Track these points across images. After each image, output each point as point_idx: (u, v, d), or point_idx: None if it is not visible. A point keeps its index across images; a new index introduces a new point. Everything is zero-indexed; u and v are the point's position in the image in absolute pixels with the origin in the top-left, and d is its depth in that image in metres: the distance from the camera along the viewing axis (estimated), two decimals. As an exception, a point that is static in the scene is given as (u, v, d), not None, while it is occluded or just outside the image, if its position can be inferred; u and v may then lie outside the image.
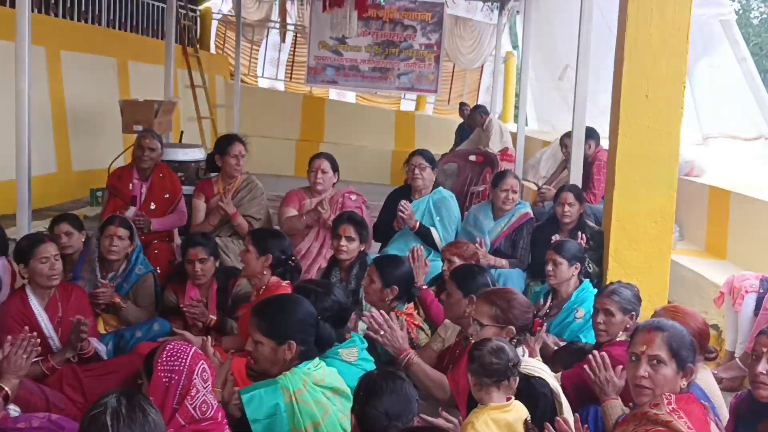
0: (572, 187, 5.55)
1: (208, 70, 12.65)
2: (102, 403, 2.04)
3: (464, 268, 4.07)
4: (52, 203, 8.44)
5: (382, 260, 4.20)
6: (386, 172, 13.39)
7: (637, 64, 4.93)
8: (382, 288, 4.03)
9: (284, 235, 4.41)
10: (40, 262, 3.90)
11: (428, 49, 13.00)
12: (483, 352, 2.81)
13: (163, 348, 2.63)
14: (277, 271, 4.12)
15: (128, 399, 2.07)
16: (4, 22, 7.79)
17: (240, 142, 5.80)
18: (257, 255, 4.10)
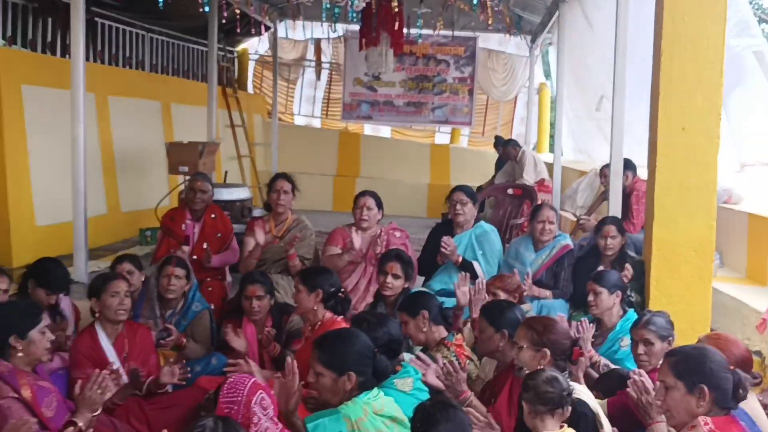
0: (614, 219, 5.65)
1: (246, 110, 12.99)
2: (201, 425, 2.29)
3: (494, 304, 4.16)
4: (103, 243, 8.73)
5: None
6: (422, 205, 13.56)
7: (673, 97, 5.05)
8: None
9: (331, 270, 4.56)
10: (111, 296, 4.13)
11: (462, 83, 13.25)
12: (538, 381, 2.95)
13: (225, 380, 2.85)
14: (329, 304, 4.28)
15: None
16: (59, 71, 8.17)
17: (284, 178, 5.97)
18: (308, 292, 4.26)
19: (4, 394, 3.05)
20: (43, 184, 8.01)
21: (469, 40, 13.17)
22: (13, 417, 3.03)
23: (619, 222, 5.61)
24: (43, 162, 8.01)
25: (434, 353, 4.10)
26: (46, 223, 7.97)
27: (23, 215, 7.74)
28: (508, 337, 3.72)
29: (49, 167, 8.05)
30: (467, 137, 16.37)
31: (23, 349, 3.26)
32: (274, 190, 5.87)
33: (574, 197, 9.67)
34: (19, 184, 7.70)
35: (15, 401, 3.08)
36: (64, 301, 4.82)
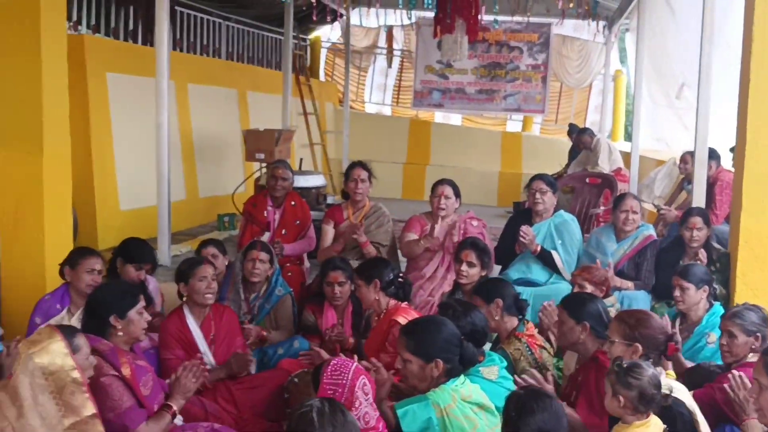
0: (700, 211, 5.52)
1: (318, 98, 13.13)
2: (308, 404, 2.40)
3: (575, 296, 4.13)
4: (183, 228, 8.97)
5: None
6: (493, 193, 13.48)
7: (764, 84, 4.89)
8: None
9: (385, 259, 4.63)
10: (198, 281, 4.25)
11: (535, 70, 13.10)
12: (644, 382, 2.91)
13: (328, 363, 2.90)
14: (389, 292, 4.34)
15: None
16: (141, 58, 8.41)
17: (361, 167, 6.02)
18: (366, 285, 4.36)
19: (106, 372, 3.18)
20: (127, 169, 8.27)
21: (543, 27, 13.00)
22: (114, 394, 3.16)
23: (704, 213, 5.48)
24: (126, 148, 8.27)
25: (505, 346, 4.09)
26: (129, 207, 8.24)
27: (108, 200, 8.01)
28: (590, 330, 3.69)
29: (132, 153, 8.31)
30: (539, 125, 16.18)
31: (122, 328, 3.39)
32: (352, 179, 5.92)
33: (651, 187, 9.48)
34: (104, 169, 7.96)
35: (115, 379, 3.20)
36: (152, 283, 4.99)
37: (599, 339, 3.66)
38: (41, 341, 2.89)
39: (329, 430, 2.32)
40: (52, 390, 2.84)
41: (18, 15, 4.81)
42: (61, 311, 4.34)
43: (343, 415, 2.37)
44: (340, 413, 2.37)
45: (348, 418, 2.38)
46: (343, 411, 2.38)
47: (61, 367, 2.86)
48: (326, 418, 2.33)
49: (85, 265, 4.36)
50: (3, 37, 4.76)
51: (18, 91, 4.95)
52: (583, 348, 3.77)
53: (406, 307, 4.33)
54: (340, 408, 2.39)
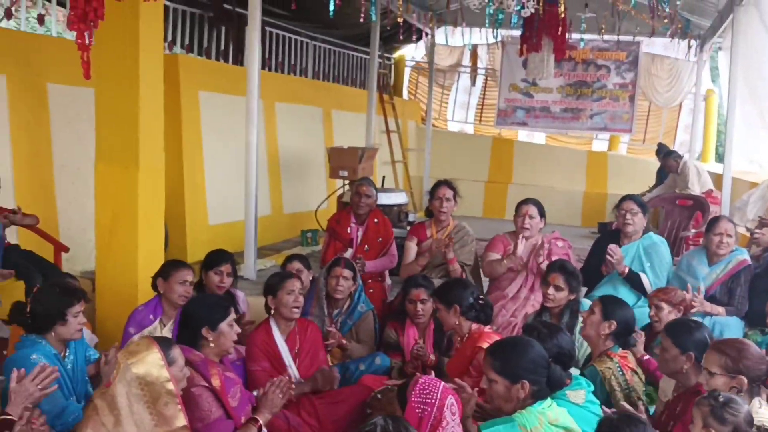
0: None
1: (401, 116, 13.22)
2: (372, 423, 2.43)
3: (680, 322, 3.99)
4: (267, 243, 9.14)
5: (607, 297, 4.25)
6: (577, 213, 13.25)
7: None
8: (601, 321, 4.06)
9: (464, 282, 4.56)
10: (286, 294, 4.34)
11: (623, 89, 12.86)
12: (739, 419, 2.85)
13: (416, 381, 2.91)
14: (470, 315, 4.28)
15: (394, 420, 2.44)
16: (232, 78, 8.67)
17: (446, 185, 6.02)
18: (446, 310, 4.32)
19: (197, 383, 3.27)
20: (216, 185, 8.50)
21: (631, 45, 12.76)
22: (203, 405, 3.26)
23: (808, 237, 5.27)
24: (215, 164, 8.50)
25: (597, 364, 4.03)
26: (217, 222, 8.45)
27: (198, 215, 8.25)
28: (695, 360, 3.58)
29: (221, 169, 8.54)
30: (626, 144, 15.85)
31: (214, 340, 3.50)
32: (437, 197, 5.93)
33: (744, 209, 9.13)
34: (194, 184, 8.21)
35: (205, 389, 3.30)
36: (240, 295, 5.11)
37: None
38: (139, 352, 2.99)
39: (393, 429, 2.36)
40: (147, 400, 2.93)
41: (119, 37, 5.01)
42: (153, 322, 4.49)
43: (407, 431, 2.40)
44: (403, 429, 2.40)
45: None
46: (407, 428, 2.39)
47: (157, 378, 2.95)
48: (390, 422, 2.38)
49: (177, 277, 4.50)
50: (104, 58, 4.97)
51: (117, 108, 5.16)
52: (685, 378, 3.66)
53: (489, 331, 4.28)
54: (404, 425, 2.41)
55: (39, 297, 3.64)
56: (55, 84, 6.88)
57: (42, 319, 3.58)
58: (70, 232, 6.89)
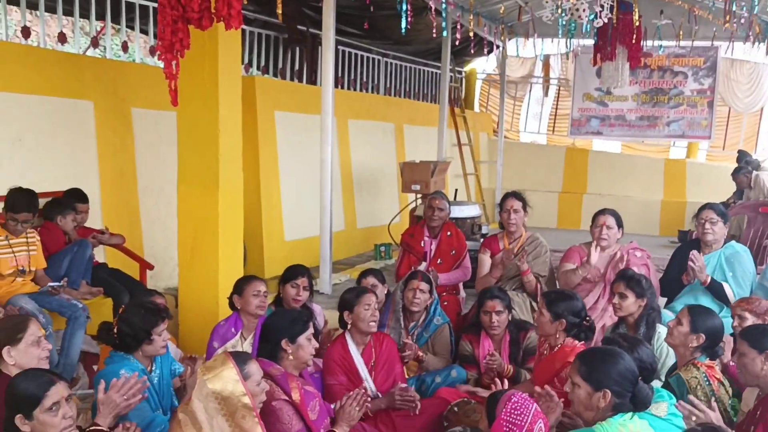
0: None
1: (473, 128, 13.22)
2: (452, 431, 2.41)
3: (756, 326, 3.91)
4: (342, 257, 9.29)
5: (696, 307, 4.15)
6: (655, 222, 12.96)
7: None
8: (689, 332, 3.98)
9: (578, 297, 4.46)
10: (364, 309, 4.41)
11: (700, 95, 12.56)
12: None
13: (509, 398, 2.90)
14: (572, 332, 4.25)
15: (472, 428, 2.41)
16: (306, 97, 8.86)
17: (514, 197, 5.97)
18: (551, 320, 4.24)
19: (277, 396, 3.36)
20: (291, 201, 8.69)
21: (709, 50, 12.45)
22: (284, 418, 3.34)
23: None
24: (291, 182, 8.70)
25: (683, 372, 3.96)
26: (293, 238, 8.63)
27: (274, 231, 8.44)
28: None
29: (297, 187, 8.73)
30: (705, 152, 15.44)
31: (293, 352, 3.59)
32: (504, 210, 5.92)
33: (831, 217, 8.79)
34: (271, 202, 8.41)
35: (286, 403, 3.38)
36: (317, 309, 5.22)
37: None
38: (215, 368, 3.08)
39: None
40: (224, 413, 3.01)
41: (199, 62, 5.19)
42: (236, 335, 4.64)
43: None
44: None
45: None
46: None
47: (232, 393, 3.02)
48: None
49: (250, 290, 4.65)
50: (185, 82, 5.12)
51: (198, 130, 5.36)
52: (765, 382, 3.58)
53: (581, 346, 4.24)
54: None
55: (125, 318, 3.75)
56: (139, 108, 7.18)
57: (129, 338, 3.71)
58: (154, 251, 7.16)
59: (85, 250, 5.69)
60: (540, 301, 4.45)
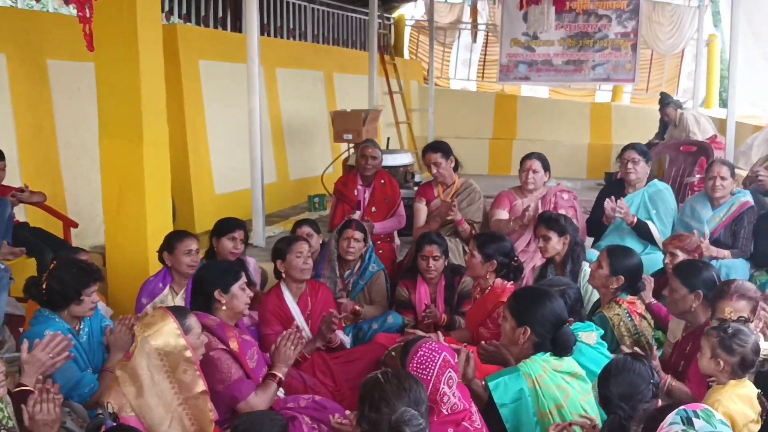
0: None
1: (403, 76, 13.14)
2: (372, 374, 2.56)
3: (688, 263, 4.07)
4: (275, 210, 9.20)
5: (614, 249, 4.28)
6: (582, 166, 13.23)
7: None
8: (608, 275, 4.12)
9: (506, 238, 4.57)
10: (296, 257, 4.40)
11: (624, 38, 12.70)
12: (747, 350, 2.94)
13: (416, 351, 2.90)
14: (501, 273, 4.33)
15: (393, 369, 2.60)
16: (232, 45, 8.64)
17: (431, 150, 5.91)
18: (482, 261, 4.36)
19: (215, 346, 3.34)
20: (220, 154, 8.53)
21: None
22: (222, 367, 3.33)
23: (817, 178, 5.30)
24: (219, 133, 8.52)
25: (606, 311, 4.10)
26: (224, 191, 8.50)
27: (203, 184, 8.29)
28: (703, 298, 3.65)
29: (225, 138, 8.56)
30: (630, 94, 15.75)
31: (227, 302, 3.56)
32: (426, 165, 5.94)
33: (748, 153, 9.10)
34: (199, 155, 8.24)
35: (224, 352, 3.36)
36: (251, 263, 5.17)
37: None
38: (155, 324, 3.05)
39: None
40: (166, 369, 3.00)
41: (116, 8, 4.98)
42: (164, 289, 4.55)
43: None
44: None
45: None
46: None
47: (175, 348, 3.01)
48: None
49: (182, 248, 4.55)
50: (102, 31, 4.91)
51: (118, 81, 5.16)
52: (693, 317, 3.74)
53: (512, 286, 4.35)
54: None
55: (56, 274, 3.63)
56: (56, 60, 6.89)
57: (57, 296, 3.60)
58: (78, 208, 6.95)
59: (4, 210, 5.47)
60: (471, 243, 4.52)
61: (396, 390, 2.44)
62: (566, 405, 3.02)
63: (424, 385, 2.56)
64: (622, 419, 2.58)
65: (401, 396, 2.42)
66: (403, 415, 2.33)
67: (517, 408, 3.05)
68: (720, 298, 3.46)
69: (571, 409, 3.01)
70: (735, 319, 3.26)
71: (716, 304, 3.47)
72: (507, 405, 3.05)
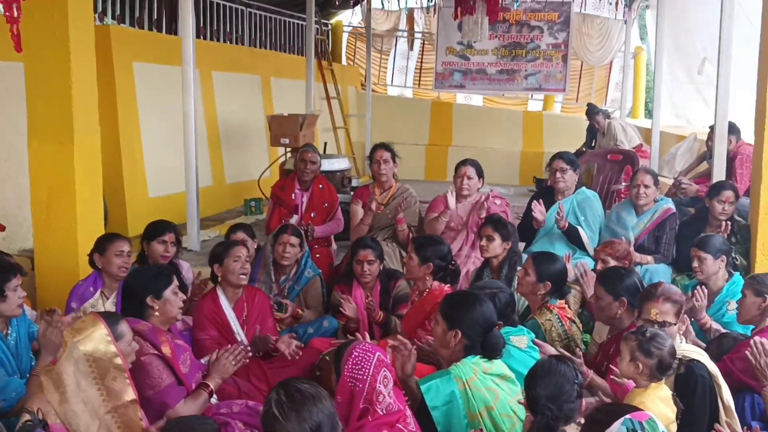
0: (732, 185, 5.61)
1: (341, 82, 13.19)
2: (267, 400, 2.48)
3: (612, 271, 4.22)
4: (210, 213, 9.12)
5: (539, 255, 4.40)
6: (515, 172, 13.49)
7: (783, 58, 4.94)
8: (536, 282, 4.24)
9: (444, 242, 4.66)
10: (233, 261, 4.38)
11: (555, 49, 13.03)
12: (664, 353, 3.07)
13: (350, 353, 2.92)
14: (438, 275, 4.41)
15: (285, 389, 2.48)
16: (167, 47, 8.54)
17: (382, 148, 6.10)
18: (419, 263, 4.42)
19: (146, 351, 3.30)
20: (154, 157, 8.40)
21: (563, 5, 12.93)
22: (153, 372, 3.29)
23: (735, 187, 5.56)
24: (153, 136, 8.40)
25: (537, 316, 4.21)
26: (158, 194, 8.37)
27: (137, 188, 8.16)
28: (627, 305, 3.78)
29: (159, 141, 8.44)
30: (560, 104, 16.14)
31: (159, 308, 3.52)
32: (375, 161, 6.03)
33: (672, 162, 9.46)
34: (132, 157, 8.11)
35: (155, 357, 3.33)
36: (185, 267, 5.13)
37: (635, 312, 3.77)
38: (85, 329, 2.99)
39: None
40: (95, 376, 2.94)
41: (46, 8, 4.90)
42: (94, 294, 4.48)
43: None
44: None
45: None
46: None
47: (105, 354, 2.96)
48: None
49: (113, 249, 4.49)
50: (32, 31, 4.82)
51: (48, 82, 5.06)
52: (619, 322, 3.87)
53: (448, 289, 4.40)
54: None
55: (-26, 275, 3.53)
56: (-18, 60, 6.70)
57: (-21, 297, 3.51)
58: (5, 211, 6.74)
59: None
60: (409, 245, 4.59)
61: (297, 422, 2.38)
62: (496, 407, 3.09)
63: (326, 398, 2.49)
64: (549, 419, 2.66)
65: (303, 428, 2.37)
66: None
67: (448, 410, 3.11)
68: (647, 300, 3.59)
69: (501, 411, 3.09)
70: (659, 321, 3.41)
71: (643, 306, 3.60)
72: (438, 407, 3.11)
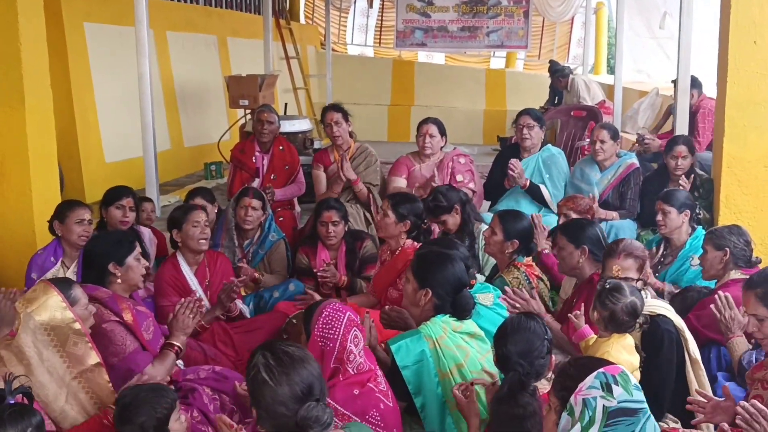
0: (685, 139, 5.59)
1: (300, 41, 12.98)
2: (254, 365, 2.37)
3: (573, 221, 4.27)
4: (170, 178, 8.96)
5: (505, 214, 4.37)
6: (478, 131, 13.49)
7: (744, 10, 4.94)
8: (503, 241, 4.22)
9: (419, 200, 4.61)
10: (192, 226, 4.29)
11: (517, 5, 12.94)
12: (617, 308, 3.07)
13: (320, 312, 2.87)
14: (411, 234, 4.38)
15: (270, 350, 2.39)
16: (118, 7, 8.28)
17: (332, 110, 5.95)
18: (396, 221, 4.37)
19: (107, 318, 3.22)
20: (110, 121, 8.20)
21: (524, -40, 12.84)
22: (116, 339, 3.21)
23: (690, 141, 5.56)
24: (108, 99, 8.19)
25: (505, 275, 4.20)
26: (114, 159, 8.19)
27: (92, 153, 7.96)
28: (588, 253, 3.80)
29: (115, 104, 8.24)
30: (523, 61, 16.10)
31: (121, 275, 3.43)
32: (327, 124, 5.90)
33: (635, 118, 9.51)
34: (86, 122, 7.90)
35: (117, 324, 3.25)
36: (146, 234, 5.02)
37: (597, 262, 3.78)
38: (37, 299, 2.92)
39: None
40: (55, 344, 2.88)
41: (-9, -33, 4.72)
42: (56, 264, 4.38)
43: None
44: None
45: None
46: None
47: (62, 321, 2.89)
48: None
49: (73, 217, 4.38)
50: (-24, -9, 4.68)
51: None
52: (581, 272, 3.89)
53: None
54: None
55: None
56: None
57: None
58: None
59: None
60: (385, 203, 4.53)
61: (288, 385, 2.30)
62: (466, 364, 3.08)
63: (313, 359, 2.43)
64: (521, 375, 2.65)
65: (294, 391, 2.29)
66: (308, 413, 2.26)
67: (419, 369, 3.09)
68: (609, 257, 3.60)
69: (471, 368, 3.08)
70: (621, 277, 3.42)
71: (605, 262, 3.61)
72: (409, 367, 3.09)
